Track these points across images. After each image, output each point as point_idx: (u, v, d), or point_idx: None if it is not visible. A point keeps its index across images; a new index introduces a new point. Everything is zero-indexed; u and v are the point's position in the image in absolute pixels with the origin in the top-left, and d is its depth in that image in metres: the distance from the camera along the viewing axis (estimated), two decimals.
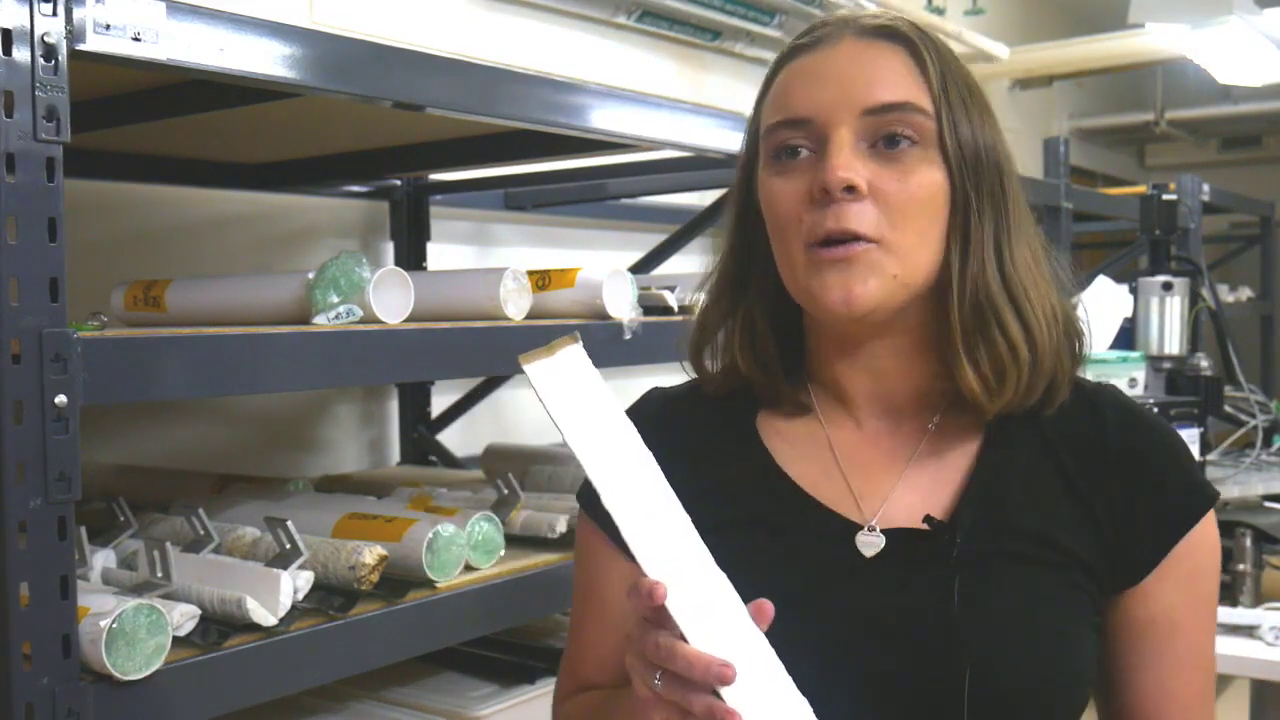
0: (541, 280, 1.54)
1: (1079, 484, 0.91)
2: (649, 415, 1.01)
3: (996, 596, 0.87)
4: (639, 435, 0.76)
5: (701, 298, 1.02)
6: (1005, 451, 0.92)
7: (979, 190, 0.89)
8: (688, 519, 0.76)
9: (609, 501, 0.74)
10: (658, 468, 0.76)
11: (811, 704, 0.76)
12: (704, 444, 0.98)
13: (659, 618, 0.75)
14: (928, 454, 0.93)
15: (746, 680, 0.73)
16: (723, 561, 0.80)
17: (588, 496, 0.99)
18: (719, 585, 0.76)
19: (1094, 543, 0.89)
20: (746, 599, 0.78)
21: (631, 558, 0.76)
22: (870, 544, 0.90)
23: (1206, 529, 0.92)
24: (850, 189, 0.86)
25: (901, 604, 0.87)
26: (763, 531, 0.93)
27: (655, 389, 1.06)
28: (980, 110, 0.91)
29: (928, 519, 0.89)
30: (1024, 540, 0.89)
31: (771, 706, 0.74)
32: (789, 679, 0.76)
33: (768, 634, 0.77)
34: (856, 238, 0.86)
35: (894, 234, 0.86)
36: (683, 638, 0.74)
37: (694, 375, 1.03)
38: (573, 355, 0.75)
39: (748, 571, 0.86)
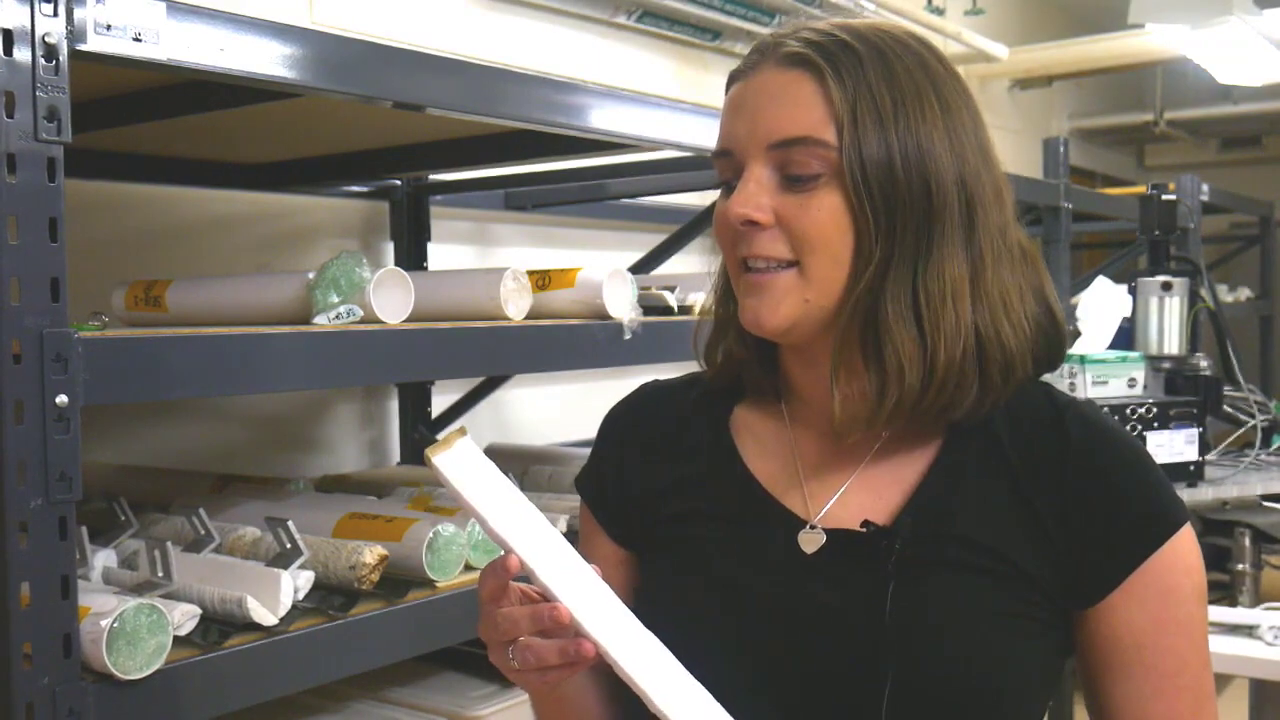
0: (541, 280, 1.54)
1: (1033, 499, 0.90)
2: (635, 405, 1.07)
3: (932, 605, 0.87)
4: (531, 504, 0.85)
5: (710, 297, 1.05)
6: (958, 462, 0.92)
7: (890, 209, 0.87)
8: (592, 571, 0.83)
9: (532, 564, 0.82)
10: (555, 529, 0.84)
11: (739, 692, 0.83)
12: (678, 436, 1.02)
13: (502, 596, 0.84)
14: (881, 459, 0.94)
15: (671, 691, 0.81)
16: (675, 549, 0.91)
17: (583, 479, 1.07)
18: (626, 616, 0.83)
19: (1046, 558, 0.89)
20: (690, 586, 0.92)
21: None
22: (811, 540, 0.91)
23: (1178, 550, 0.89)
24: (750, 223, 0.88)
25: (836, 603, 0.89)
26: (716, 522, 0.96)
27: (652, 381, 1.09)
28: (911, 120, 0.87)
29: (865, 524, 0.90)
30: (968, 551, 0.88)
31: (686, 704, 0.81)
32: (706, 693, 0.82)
33: (705, 617, 0.89)
34: (773, 262, 0.89)
35: (808, 259, 0.88)
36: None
37: (702, 368, 1.06)
38: (466, 445, 0.83)
39: (693, 558, 0.90)
